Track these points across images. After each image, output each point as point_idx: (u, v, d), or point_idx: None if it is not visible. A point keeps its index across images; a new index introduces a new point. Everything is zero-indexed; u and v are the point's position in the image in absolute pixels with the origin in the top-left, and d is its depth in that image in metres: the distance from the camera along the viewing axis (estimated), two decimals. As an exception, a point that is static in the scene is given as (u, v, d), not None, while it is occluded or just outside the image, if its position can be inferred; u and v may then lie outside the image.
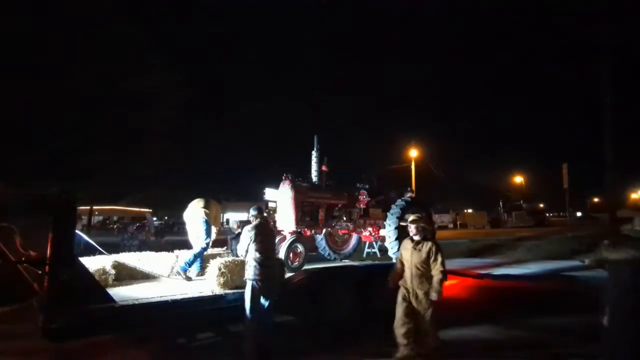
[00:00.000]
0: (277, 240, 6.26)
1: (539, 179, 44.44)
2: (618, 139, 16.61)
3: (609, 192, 16.80)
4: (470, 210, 39.94)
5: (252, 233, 4.38)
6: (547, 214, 34.84)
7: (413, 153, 25.70)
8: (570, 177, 15.77)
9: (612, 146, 15.74)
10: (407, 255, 4.24)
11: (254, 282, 4.24)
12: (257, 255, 4.29)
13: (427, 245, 4.16)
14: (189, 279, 5.43)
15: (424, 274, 4.11)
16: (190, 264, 5.59)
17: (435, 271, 4.06)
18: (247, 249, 4.37)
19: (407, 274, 4.22)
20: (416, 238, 4.23)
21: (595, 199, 51.63)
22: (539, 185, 43.93)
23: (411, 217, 4.40)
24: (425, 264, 4.12)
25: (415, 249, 4.20)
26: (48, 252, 3.60)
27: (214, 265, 4.93)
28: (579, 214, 46.39)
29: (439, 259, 4.09)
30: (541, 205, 33.93)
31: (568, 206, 17.04)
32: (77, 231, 4.18)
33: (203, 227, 5.71)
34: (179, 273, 5.57)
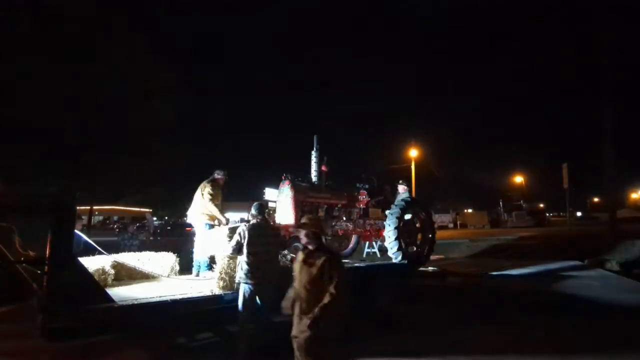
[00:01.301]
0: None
1: (539, 179, 44.53)
2: (618, 139, 16.60)
3: (609, 192, 16.77)
4: (470, 210, 39.99)
5: (246, 233, 4.17)
6: (547, 214, 34.82)
7: (413, 153, 25.71)
8: (570, 177, 15.76)
9: (612, 146, 15.72)
10: (297, 271, 3.18)
11: (246, 286, 4.09)
12: (250, 258, 4.10)
13: (320, 259, 3.05)
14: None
15: (316, 297, 2.99)
16: (208, 263, 5.70)
17: (326, 293, 2.94)
18: (236, 247, 4.20)
19: (298, 295, 3.13)
20: (310, 247, 3.18)
21: (595, 199, 51.69)
22: (539, 185, 44.00)
23: (302, 219, 3.43)
24: (317, 283, 3.01)
25: (305, 263, 3.12)
26: (47, 252, 3.60)
27: (217, 267, 4.91)
28: (579, 213, 46.44)
29: (335, 278, 2.99)
30: (541, 205, 33.94)
31: (568, 206, 16.99)
32: (76, 231, 4.18)
33: (207, 231, 5.78)
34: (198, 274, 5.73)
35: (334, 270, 3.05)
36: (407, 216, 7.10)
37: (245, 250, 4.13)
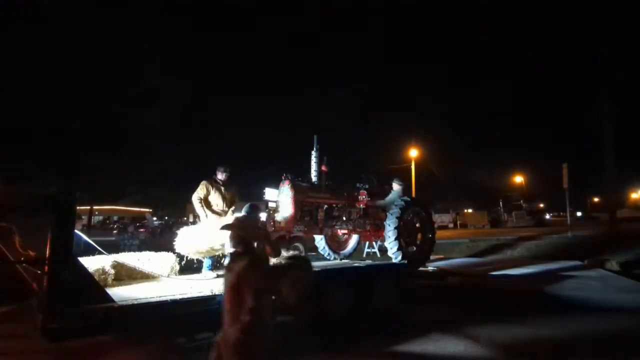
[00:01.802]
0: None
1: (539, 179, 44.53)
2: (618, 139, 16.60)
3: (609, 192, 16.77)
4: (470, 210, 39.97)
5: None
6: (548, 214, 34.79)
7: (413, 153, 25.71)
8: (570, 177, 15.73)
9: (612, 146, 15.72)
10: (224, 280, 2.84)
11: None
12: None
13: (240, 264, 2.66)
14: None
15: (237, 309, 2.57)
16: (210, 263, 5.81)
17: (244, 308, 2.48)
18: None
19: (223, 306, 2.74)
20: (238, 251, 2.85)
21: (595, 199, 51.73)
22: (539, 185, 44.01)
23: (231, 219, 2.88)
24: (235, 292, 2.60)
25: (227, 269, 2.80)
26: (47, 252, 3.60)
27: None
28: (579, 213, 46.47)
29: (253, 284, 2.55)
30: (541, 205, 33.92)
31: (568, 206, 16.96)
32: (76, 231, 4.18)
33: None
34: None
35: (253, 277, 2.59)
36: (407, 216, 7.10)
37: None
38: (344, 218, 7.10)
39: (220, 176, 6.20)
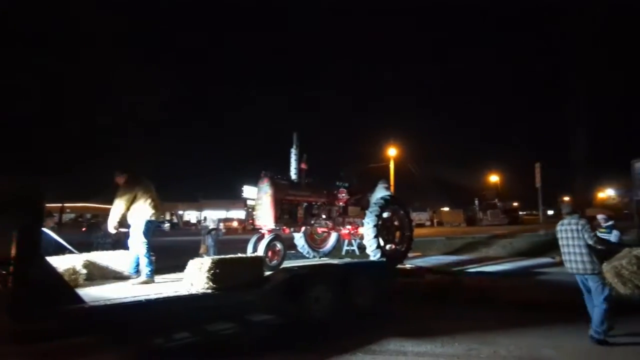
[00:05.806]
0: (256, 238, 6.21)
1: (513, 178, 45.83)
2: (588, 140, 17.20)
3: (577, 190, 17.38)
4: (447, 209, 40.69)
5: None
6: (521, 212, 35.79)
7: (392, 152, 25.93)
8: (543, 175, 16.18)
9: (582, 146, 16.29)
10: None
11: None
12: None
13: None
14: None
15: None
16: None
17: None
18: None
19: None
20: None
21: (566, 198, 53.61)
22: (513, 184, 45.29)
23: None
24: None
25: None
26: (13, 252, 3.45)
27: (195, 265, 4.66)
28: (550, 212, 48.00)
29: None
30: (515, 204, 34.87)
31: (540, 205, 17.48)
32: (46, 229, 4.02)
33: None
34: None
35: None
36: (386, 214, 7.15)
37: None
38: (324, 216, 7.09)
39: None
